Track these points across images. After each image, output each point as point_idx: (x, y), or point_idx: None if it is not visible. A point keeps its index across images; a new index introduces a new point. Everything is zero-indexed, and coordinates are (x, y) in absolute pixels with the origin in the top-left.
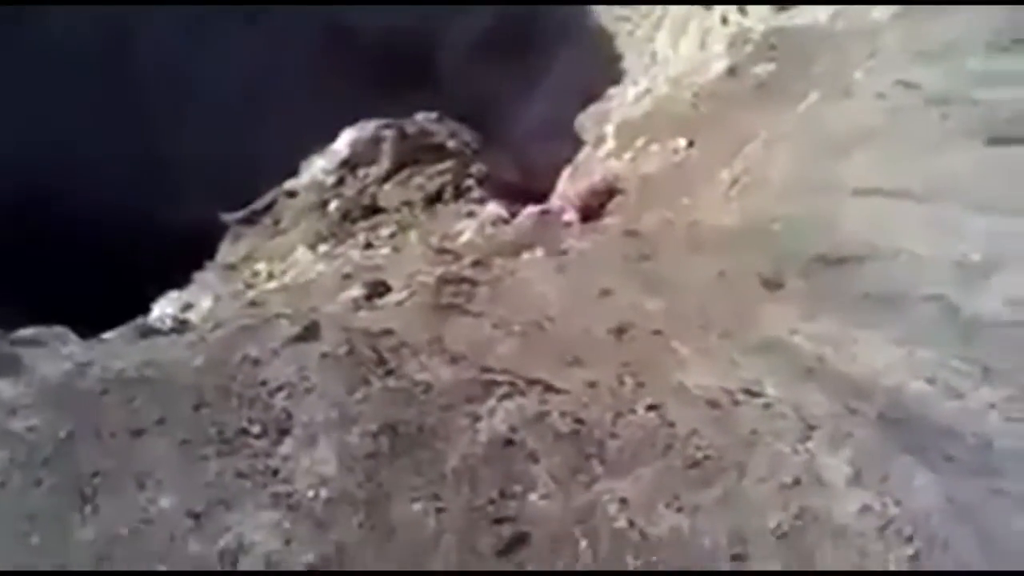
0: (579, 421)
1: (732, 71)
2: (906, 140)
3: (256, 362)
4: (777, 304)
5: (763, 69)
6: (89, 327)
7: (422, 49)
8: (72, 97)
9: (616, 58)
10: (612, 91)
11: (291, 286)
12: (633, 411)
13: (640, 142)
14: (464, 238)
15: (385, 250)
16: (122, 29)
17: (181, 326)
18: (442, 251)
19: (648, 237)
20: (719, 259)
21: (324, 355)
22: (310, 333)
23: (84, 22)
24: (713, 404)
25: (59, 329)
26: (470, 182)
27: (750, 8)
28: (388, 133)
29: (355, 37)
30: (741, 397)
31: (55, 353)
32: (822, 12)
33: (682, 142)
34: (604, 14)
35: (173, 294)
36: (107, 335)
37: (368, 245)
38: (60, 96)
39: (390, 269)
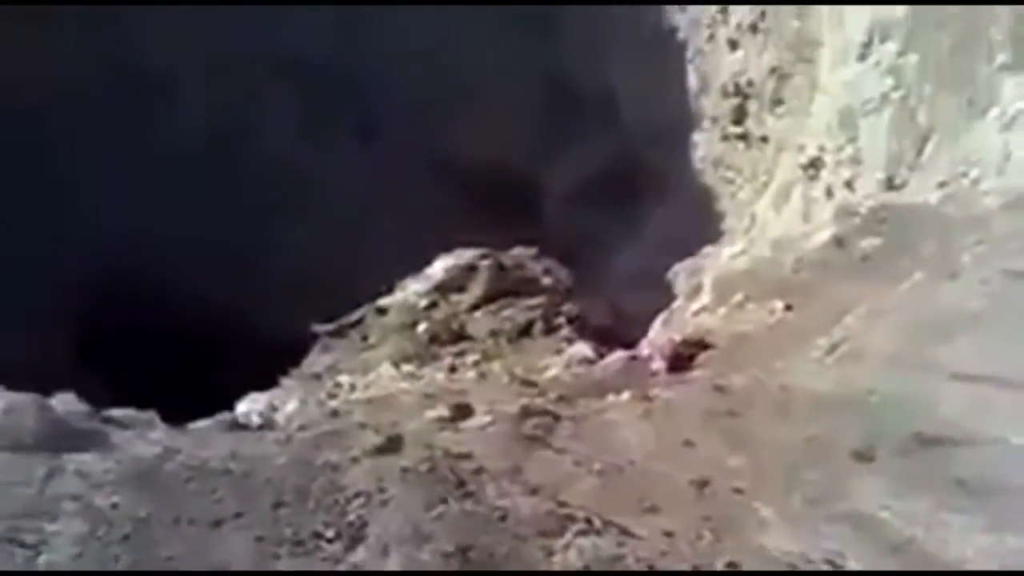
0: (655, 570)
1: (837, 241)
2: (1010, 328)
3: (336, 468)
4: (867, 477)
5: (869, 243)
6: (173, 417)
7: (527, 185)
8: (185, 190)
9: (716, 217)
10: (708, 248)
11: (374, 399)
12: (711, 566)
13: (736, 299)
14: (549, 373)
15: (470, 375)
16: (242, 128)
17: (267, 424)
18: (527, 383)
19: (737, 394)
20: (809, 425)
21: (405, 469)
22: (392, 445)
23: (210, 112)
24: (794, 570)
25: (148, 414)
26: (560, 320)
27: (857, 185)
28: (484, 263)
29: (463, 167)
30: (824, 567)
31: (142, 436)
32: (932, 194)
33: (779, 304)
34: (709, 173)
35: (257, 395)
36: (194, 425)
37: (452, 369)
38: (173, 187)
39: (474, 394)
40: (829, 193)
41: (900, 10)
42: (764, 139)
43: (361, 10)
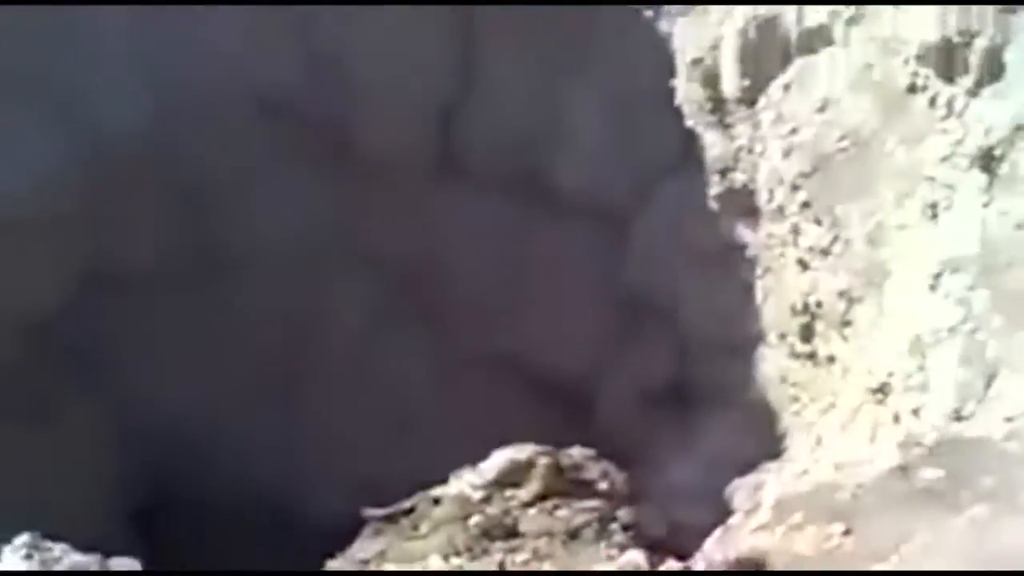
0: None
1: (901, 470)
2: None
3: None
4: None
5: (932, 474)
6: None
7: (588, 388)
8: (247, 375)
9: (778, 435)
10: (770, 465)
11: None
12: None
13: (795, 520)
14: None
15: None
16: (310, 316)
17: None
18: None
19: None
20: None
21: None
22: None
23: (265, 298)
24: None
25: None
26: (615, 526)
27: (923, 414)
28: (542, 460)
29: (525, 365)
30: None
31: None
32: (998, 429)
33: (839, 528)
34: (773, 389)
35: None
36: None
37: (501, 566)
38: (234, 373)
39: None
40: (896, 419)
41: (972, 245)
42: (831, 359)
43: (436, 203)
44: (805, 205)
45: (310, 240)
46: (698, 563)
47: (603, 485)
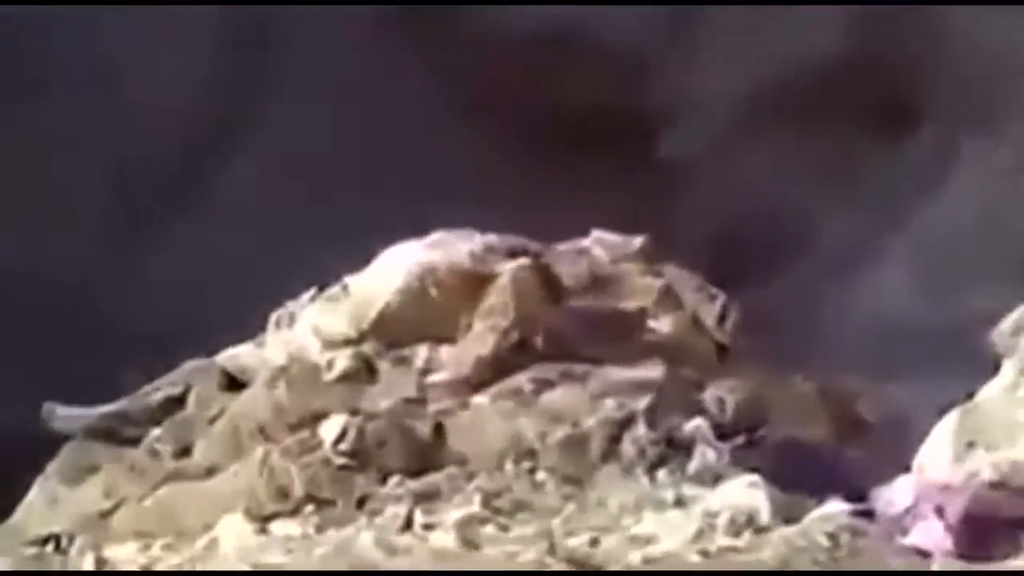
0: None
1: None
2: None
3: None
4: None
5: None
6: None
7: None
8: None
9: None
10: None
11: None
12: None
13: None
14: (653, 551)
15: (448, 548)
16: None
17: None
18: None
19: None
20: None
21: None
22: None
23: None
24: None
25: None
26: (696, 424)
27: None
28: (508, 267)
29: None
30: None
31: None
32: None
33: None
34: None
35: None
36: None
37: (407, 526)
38: None
39: None
40: None
41: None
42: None
43: None
44: None
45: None
46: (895, 494)
47: (661, 326)
